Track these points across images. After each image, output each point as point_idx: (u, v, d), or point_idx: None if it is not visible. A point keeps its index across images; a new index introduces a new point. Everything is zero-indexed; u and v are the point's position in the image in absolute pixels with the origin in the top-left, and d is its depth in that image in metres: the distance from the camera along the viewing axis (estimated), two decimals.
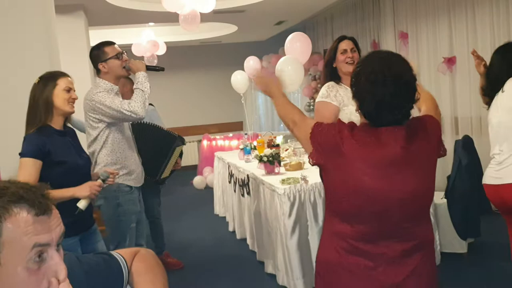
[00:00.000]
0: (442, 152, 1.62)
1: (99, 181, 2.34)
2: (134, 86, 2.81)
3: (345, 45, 2.84)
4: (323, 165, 1.61)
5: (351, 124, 1.57)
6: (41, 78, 2.39)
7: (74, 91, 2.45)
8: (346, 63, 2.80)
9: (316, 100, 2.88)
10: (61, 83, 2.38)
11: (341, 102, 2.74)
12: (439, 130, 1.63)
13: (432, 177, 1.57)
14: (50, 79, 2.38)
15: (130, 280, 1.22)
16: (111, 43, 2.86)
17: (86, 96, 2.79)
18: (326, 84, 2.85)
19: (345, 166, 1.52)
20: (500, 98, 2.72)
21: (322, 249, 1.69)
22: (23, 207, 0.85)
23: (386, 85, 1.45)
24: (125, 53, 2.90)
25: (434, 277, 1.64)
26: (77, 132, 2.72)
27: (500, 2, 4.59)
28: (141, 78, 2.81)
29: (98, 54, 2.82)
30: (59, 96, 2.36)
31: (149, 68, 2.91)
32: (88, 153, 2.73)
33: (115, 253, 1.23)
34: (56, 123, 2.38)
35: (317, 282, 1.72)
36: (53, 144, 2.31)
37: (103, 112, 2.72)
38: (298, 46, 4.31)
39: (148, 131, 3.81)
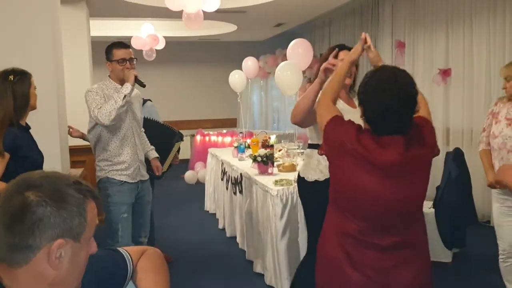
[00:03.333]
0: (436, 152, 1.75)
1: None
2: (113, 94, 2.90)
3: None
4: (329, 158, 1.78)
5: (359, 127, 1.71)
6: (15, 74, 2.44)
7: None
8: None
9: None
10: (33, 81, 2.52)
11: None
12: (433, 132, 1.76)
13: (426, 179, 1.73)
14: (24, 76, 2.47)
15: (134, 278, 1.26)
16: (122, 46, 2.99)
17: (87, 89, 2.98)
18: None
19: (347, 165, 1.68)
20: None
21: (322, 240, 1.85)
22: (91, 195, 1.02)
23: (391, 95, 1.59)
24: (135, 60, 3.01)
25: (425, 275, 1.78)
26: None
27: (497, 14, 4.68)
28: (123, 89, 2.88)
29: (108, 52, 3.01)
30: (33, 94, 2.51)
31: (136, 81, 2.96)
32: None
33: (121, 249, 1.28)
34: (24, 119, 2.50)
35: (318, 273, 1.87)
36: (21, 139, 2.41)
37: (88, 109, 2.89)
38: (300, 52, 4.37)
39: (148, 126, 3.85)
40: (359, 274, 1.70)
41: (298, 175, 2.73)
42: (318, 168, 2.57)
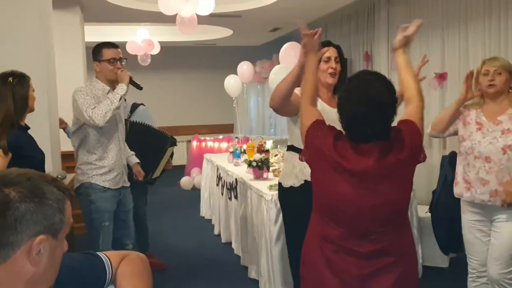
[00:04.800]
0: (422, 159, 1.71)
1: None
2: (108, 95, 2.83)
3: (330, 52, 2.53)
4: (310, 165, 1.76)
5: (337, 134, 1.69)
6: (14, 76, 2.48)
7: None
8: (329, 73, 2.52)
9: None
10: (31, 84, 2.55)
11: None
12: (418, 137, 1.70)
13: (408, 185, 1.69)
14: (23, 79, 2.50)
15: (115, 283, 1.23)
16: (111, 46, 2.91)
17: (75, 89, 2.87)
18: None
19: (325, 172, 1.67)
20: None
21: (305, 246, 1.83)
22: (68, 193, 1.03)
23: (359, 104, 1.58)
24: (124, 61, 2.93)
25: (408, 284, 1.72)
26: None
27: (492, 18, 4.67)
28: (118, 90, 2.82)
29: (96, 52, 2.91)
30: (32, 96, 2.56)
31: (131, 82, 2.90)
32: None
33: (101, 253, 1.24)
34: (23, 121, 2.53)
35: (302, 277, 1.85)
36: (22, 139, 2.45)
37: (76, 110, 2.81)
38: (293, 55, 4.35)
39: (141, 130, 3.82)
40: (338, 281, 1.67)
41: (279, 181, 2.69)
42: (292, 172, 2.52)
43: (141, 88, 2.99)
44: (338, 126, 1.72)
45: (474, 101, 2.71)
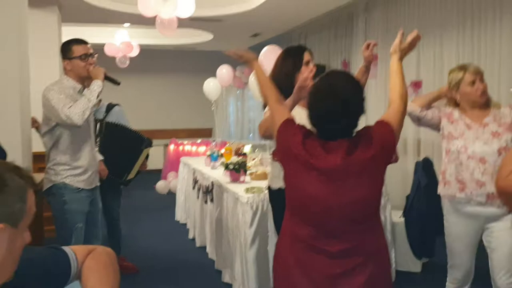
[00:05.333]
0: (394, 160, 1.70)
1: None
2: (84, 92, 2.77)
3: (308, 56, 2.59)
4: (282, 164, 1.77)
5: (307, 132, 1.70)
6: None
7: None
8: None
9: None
10: None
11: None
12: (389, 137, 1.69)
13: (376, 184, 1.68)
14: None
15: (80, 277, 1.21)
16: (81, 42, 2.82)
17: (45, 88, 2.75)
18: None
19: (294, 170, 1.68)
20: None
21: (277, 245, 1.85)
22: (31, 182, 1.02)
23: (326, 101, 1.63)
24: (95, 56, 2.85)
25: (380, 284, 1.71)
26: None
27: (466, 28, 4.78)
28: (93, 87, 2.73)
29: (65, 50, 2.81)
30: None
31: (107, 78, 2.83)
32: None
33: (66, 247, 1.22)
34: None
35: (274, 276, 1.86)
36: None
37: (49, 110, 2.70)
38: (272, 58, 4.35)
39: (116, 131, 3.77)
40: (306, 280, 1.67)
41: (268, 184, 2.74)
42: (280, 175, 2.53)
43: (118, 83, 2.92)
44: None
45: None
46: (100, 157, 3.28)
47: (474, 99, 2.51)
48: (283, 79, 2.49)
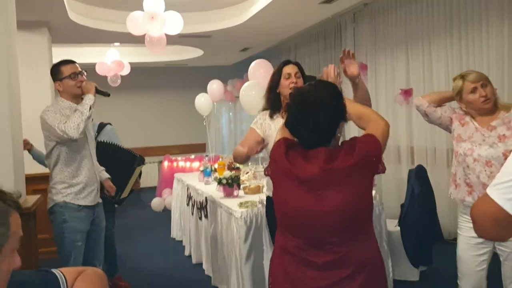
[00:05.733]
0: (380, 170, 1.68)
1: None
2: (77, 106, 2.84)
3: (289, 69, 2.72)
4: (271, 178, 1.80)
5: (291, 143, 1.73)
6: None
7: None
8: (291, 88, 2.62)
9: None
10: None
11: (264, 132, 2.77)
12: (374, 146, 1.66)
13: (361, 193, 1.64)
14: None
15: None
16: (69, 62, 2.92)
17: (42, 111, 2.86)
18: (263, 112, 2.83)
19: (280, 182, 1.71)
20: None
21: (271, 259, 1.86)
22: (15, 206, 1.02)
23: (296, 111, 1.67)
24: (85, 73, 2.94)
25: None
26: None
27: (453, 37, 4.83)
28: (86, 100, 2.83)
29: (55, 72, 2.91)
30: None
31: (98, 91, 2.92)
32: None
33: (55, 270, 1.21)
34: None
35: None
36: None
37: (47, 130, 2.80)
38: (261, 72, 4.40)
39: (108, 150, 3.76)
40: None
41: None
42: None
43: (108, 95, 3.00)
44: None
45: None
46: (106, 175, 3.33)
47: (479, 106, 2.46)
48: (268, 92, 2.82)
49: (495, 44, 4.38)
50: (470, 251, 2.47)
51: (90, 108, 2.80)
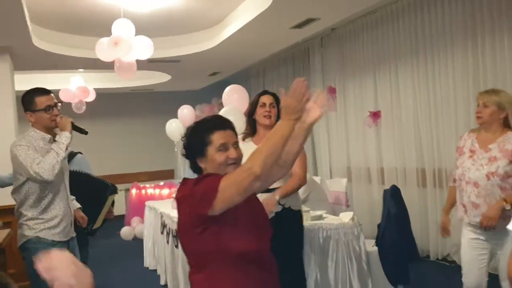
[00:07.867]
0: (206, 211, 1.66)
1: None
2: (52, 146, 2.70)
3: (265, 99, 3.06)
4: None
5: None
6: None
7: None
8: (264, 116, 3.04)
9: None
10: None
11: None
12: (206, 184, 1.65)
13: (186, 230, 1.82)
14: None
15: None
16: (44, 93, 2.76)
17: (12, 143, 2.70)
18: (241, 135, 3.06)
19: None
20: None
21: None
22: None
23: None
24: (59, 106, 2.80)
25: None
26: None
27: (420, 60, 5.01)
28: (62, 139, 2.70)
29: (27, 102, 2.74)
30: None
31: (74, 128, 2.81)
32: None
33: None
34: None
35: None
36: None
37: (18, 166, 2.64)
38: (236, 97, 4.41)
39: (80, 179, 3.63)
40: None
41: None
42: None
43: (86, 133, 2.90)
44: None
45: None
46: (77, 205, 3.20)
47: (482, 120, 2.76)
48: (247, 118, 3.20)
49: (460, 66, 4.55)
50: (471, 251, 2.80)
51: (67, 148, 2.68)
